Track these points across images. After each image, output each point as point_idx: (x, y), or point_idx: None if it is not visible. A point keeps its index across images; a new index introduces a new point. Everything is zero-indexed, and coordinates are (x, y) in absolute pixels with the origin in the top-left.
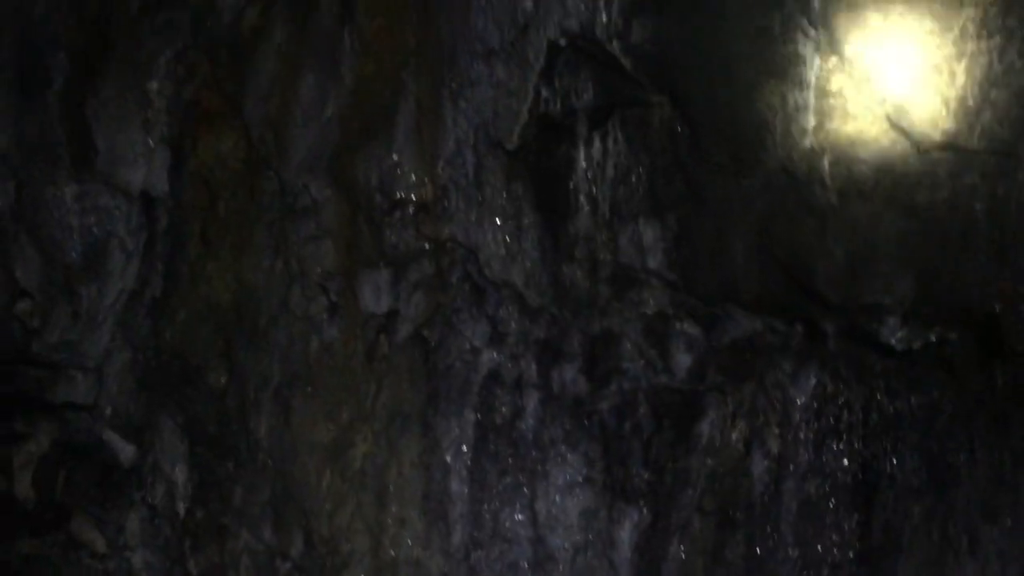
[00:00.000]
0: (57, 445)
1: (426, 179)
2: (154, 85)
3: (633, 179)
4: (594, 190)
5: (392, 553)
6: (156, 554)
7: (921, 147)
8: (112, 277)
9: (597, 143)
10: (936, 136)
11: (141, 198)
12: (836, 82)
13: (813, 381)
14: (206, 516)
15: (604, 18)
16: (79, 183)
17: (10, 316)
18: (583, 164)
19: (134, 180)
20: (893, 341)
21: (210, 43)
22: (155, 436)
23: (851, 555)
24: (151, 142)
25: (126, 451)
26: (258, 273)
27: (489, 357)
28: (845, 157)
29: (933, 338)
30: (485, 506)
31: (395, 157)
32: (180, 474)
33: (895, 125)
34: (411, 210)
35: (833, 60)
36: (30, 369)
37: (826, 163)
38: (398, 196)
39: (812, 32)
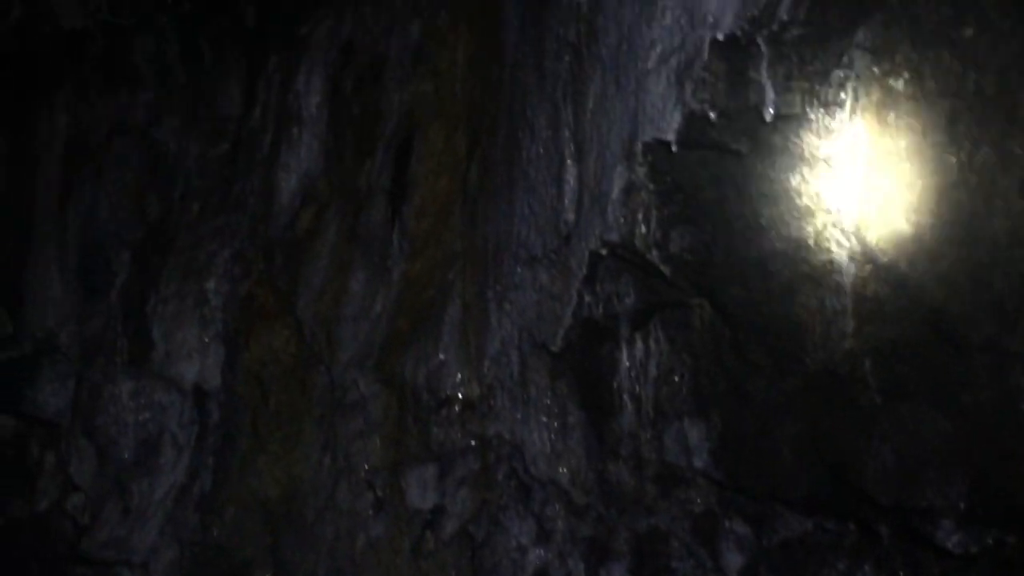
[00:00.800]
0: None
1: (472, 377)
2: (211, 284)
3: (676, 378)
4: (637, 389)
5: None
6: None
7: (962, 349)
8: (163, 472)
9: (639, 343)
10: (976, 338)
11: (194, 392)
12: (873, 287)
13: None
14: None
15: (643, 230)
16: (135, 380)
17: (62, 513)
18: (626, 364)
19: (188, 375)
20: (950, 545)
21: (266, 243)
22: None
23: None
24: (206, 338)
25: None
26: (307, 467)
27: (536, 555)
28: (887, 359)
29: (990, 541)
30: None
31: (442, 356)
32: None
33: (934, 328)
34: (457, 407)
35: (869, 268)
36: (79, 567)
37: (868, 364)
38: (445, 394)
39: (846, 242)
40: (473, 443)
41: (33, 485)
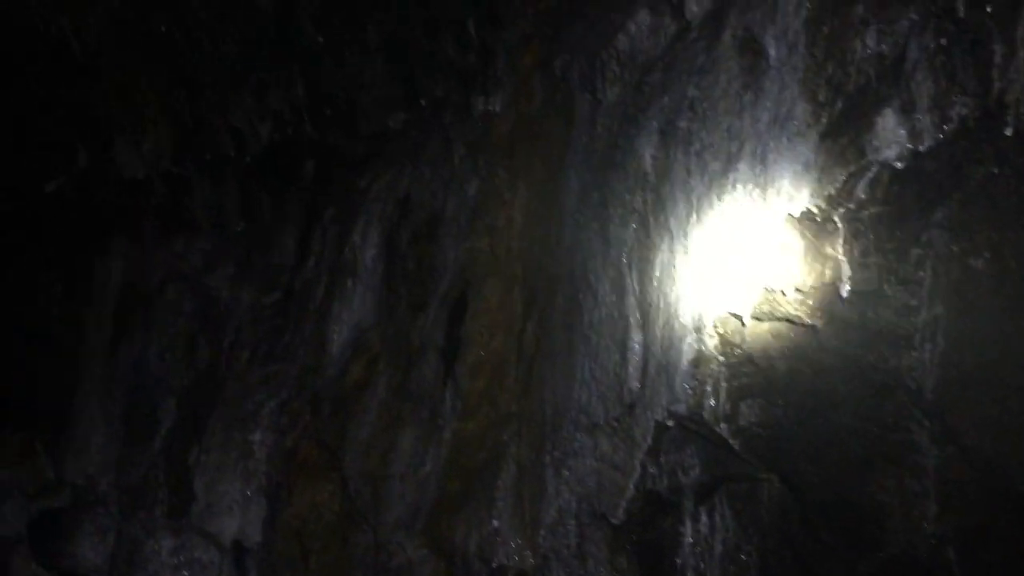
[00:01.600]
0: None
1: (527, 546)
2: (256, 435)
3: (743, 556)
4: (702, 566)
5: None
6: None
7: None
8: None
9: (704, 518)
10: None
11: (233, 549)
12: (957, 471)
13: None
14: None
15: (712, 402)
16: (175, 535)
17: None
18: (690, 539)
19: (228, 529)
20: None
21: (314, 395)
22: None
23: None
24: (248, 491)
25: None
26: None
27: None
28: (973, 547)
29: None
30: None
31: (495, 522)
32: None
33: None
34: None
35: (951, 449)
36: None
37: (952, 552)
38: (498, 562)
39: (927, 422)
40: None
41: None
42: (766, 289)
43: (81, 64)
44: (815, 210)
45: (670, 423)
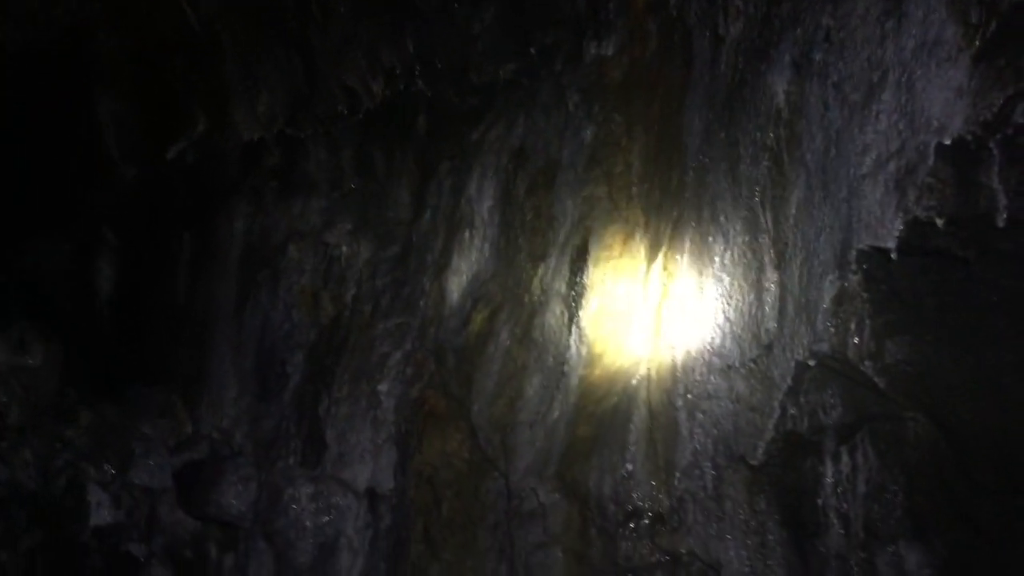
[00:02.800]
0: None
1: (662, 489)
2: (384, 386)
3: (887, 496)
4: (845, 506)
5: None
6: None
7: None
8: None
9: (846, 458)
10: None
11: (367, 495)
12: None
13: None
14: None
15: (856, 340)
16: (315, 482)
17: None
18: (830, 479)
19: (361, 478)
20: None
21: (437, 346)
22: None
23: None
24: (379, 440)
25: None
26: None
27: None
28: None
29: None
30: None
31: (628, 467)
32: None
33: None
34: (646, 521)
35: None
36: None
37: None
38: (632, 505)
39: None
40: (663, 559)
41: None
42: (916, 223)
43: (197, 32)
44: (968, 138)
45: (811, 362)
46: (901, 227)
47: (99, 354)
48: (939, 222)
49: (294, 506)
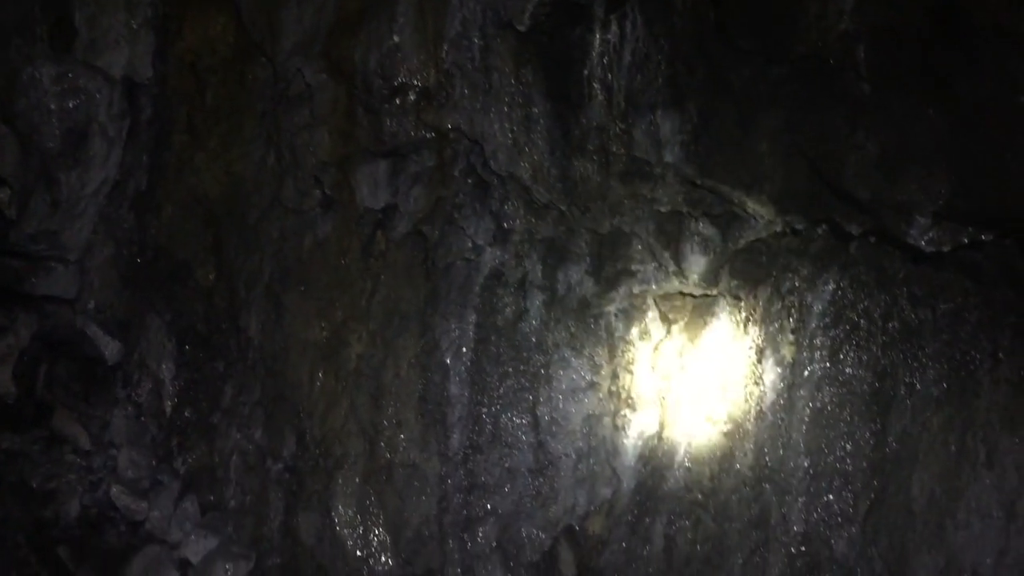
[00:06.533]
0: (38, 339)
1: (429, 63)
2: None
3: (652, 66)
4: (610, 77)
5: (388, 456)
6: (142, 452)
7: (964, 34)
8: (93, 164)
9: (614, 26)
10: (983, 21)
11: (123, 83)
12: None
13: (831, 287)
14: (195, 415)
15: None
16: (57, 64)
17: None
18: (598, 48)
19: (116, 64)
20: (923, 243)
21: None
22: (141, 333)
23: (864, 465)
24: (134, 24)
25: (110, 347)
26: (248, 165)
27: (492, 255)
28: (883, 44)
29: (966, 240)
30: (485, 409)
31: (395, 39)
32: (167, 372)
33: (936, 13)
34: (412, 96)
35: None
36: (8, 259)
37: (862, 51)
38: (398, 81)
39: None
40: (428, 136)
41: None
42: None
43: None
44: None
45: None
46: None
47: None
48: None
49: (35, 89)
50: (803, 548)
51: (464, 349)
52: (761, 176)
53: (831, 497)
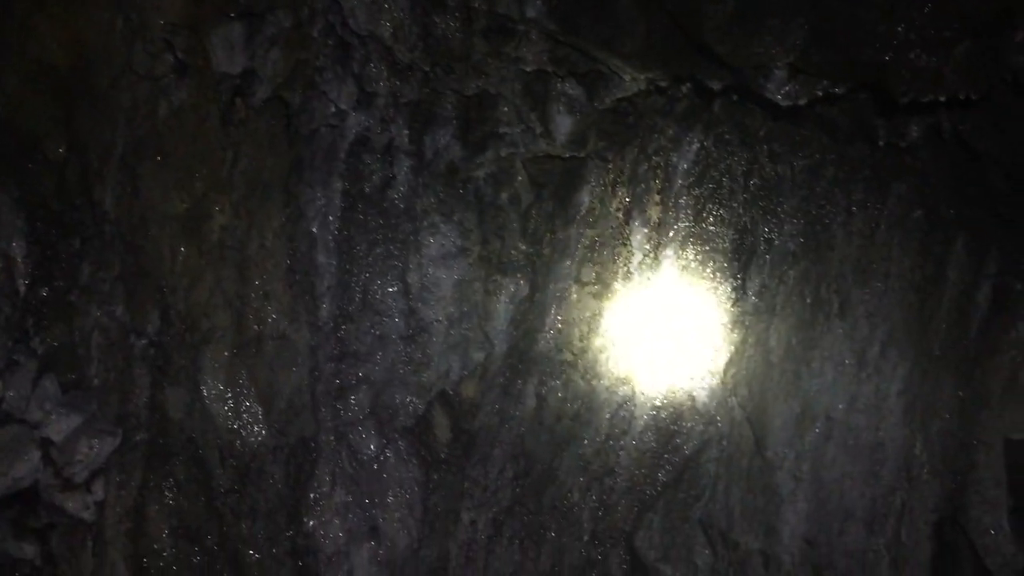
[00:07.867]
0: None
1: None
2: None
3: None
4: None
5: (256, 328)
6: None
7: None
8: None
9: None
10: None
11: None
12: None
13: (696, 146)
14: (51, 294)
15: None
16: None
17: None
18: None
19: None
20: (779, 96)
21: None
22: None
23: (725, 319)
24: None
25: None
26: (96, 30)
27: (356, 121)
28: None
29: (820, 92)
30: (354, 278)
31: None
32: (19, 251)
33: None
34: None
35: None
36: None
37: None
38: None
39: None
40: None
41: None
42: None
43: None
44: None
45: None
46: None
47: None
48: None
49: None
50: (666, 400)
51: (331, 217)
52: (622, 31)
53: (694, 351)
